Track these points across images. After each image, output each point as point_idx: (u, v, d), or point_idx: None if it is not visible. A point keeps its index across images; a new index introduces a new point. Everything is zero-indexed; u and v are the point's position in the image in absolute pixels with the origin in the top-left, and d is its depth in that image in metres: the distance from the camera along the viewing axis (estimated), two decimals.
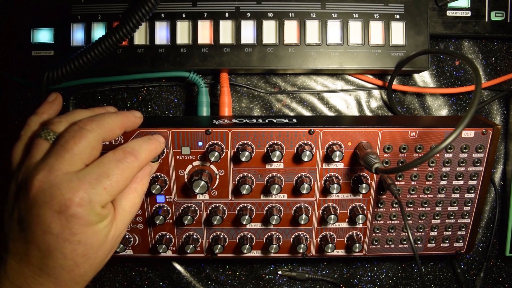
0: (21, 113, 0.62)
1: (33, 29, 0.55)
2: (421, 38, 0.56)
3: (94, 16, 0.55)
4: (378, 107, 0.64)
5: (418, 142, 0.51)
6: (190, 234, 0.55)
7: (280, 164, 0.51)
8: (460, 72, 0.63)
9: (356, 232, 0.55)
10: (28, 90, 0.61)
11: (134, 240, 0.55)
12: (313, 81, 0.63)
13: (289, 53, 0.55)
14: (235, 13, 0.55)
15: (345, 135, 0.50)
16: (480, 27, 0.58)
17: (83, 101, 0.62)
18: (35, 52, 0.55)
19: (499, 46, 0.63)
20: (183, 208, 0.53)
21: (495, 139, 0.51)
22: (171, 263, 0.66)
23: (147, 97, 0.62)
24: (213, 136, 0.50)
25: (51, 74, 0.51)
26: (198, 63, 0.55)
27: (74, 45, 0.55)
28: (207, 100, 0.57)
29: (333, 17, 0.55)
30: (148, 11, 0.49)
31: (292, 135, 0.50)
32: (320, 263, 0.66)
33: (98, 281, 0.66)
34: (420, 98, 0.64)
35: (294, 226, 0.55)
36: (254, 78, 0.63)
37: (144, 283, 0.66)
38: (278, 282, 0.66)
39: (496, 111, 0.64)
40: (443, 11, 0.58)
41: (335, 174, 0.52)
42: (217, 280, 0.66)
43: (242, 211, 0.53)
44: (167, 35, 0.55)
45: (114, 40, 0.50)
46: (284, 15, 0.55)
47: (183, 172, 0.52)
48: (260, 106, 0.63)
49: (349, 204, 0.54)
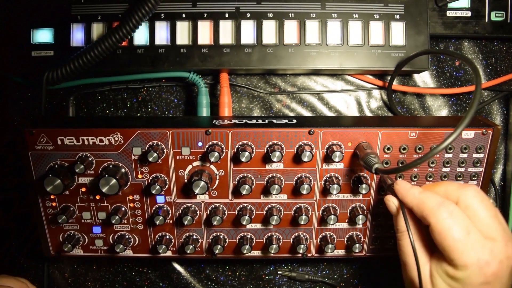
0: (21, 113, 0.62)
1: (33, 29, 0.55)
2: (421, 38, 0.56)
3: (94, 16, 0.55)
4: (378, 107, 0.64)
5: (418, 142, 0.51)
6: (190, 235, 0.55)
7: (280, 165, 0.51)
8: (460, 72, 0.63)
9: (356, 232, 0.55)
10: (28, 90, 0.61)
11: (134, 241, 0.55)
12: (313, 82, 0.63)
13: (289, 53, 0.55)
14: (235, 13, 0.55)
15: (345, 135, 0.50)
16: (480, 27, 0.58)
17: (83, 101, 0.62)
18: (35, 52, 0.55)
19: (499, 46, 0.63)
20: (183, 209, 0.53)
21: (495, 139, 0.51)
22: (171, 263, 0.66)
23: (147, 97, 0.62)
24: (213, 137, 0.50)
25: (51, 74, 0.52)
26: (198, 63, 0.55)
27: (74, 45, 0.55)
28: (207, 100, 0.57)
29: (333, 17, 0.55)
30: (148, 11, 0.49)
31: (292, 135, 0.50)
32: (320, 264, 0.66)
33: (98, 281, 0.66)
34: (420, 98, 0.64)
35: (294, 227, 0.55)
36: (254, 78, 0.63)
37: (144, 284, 0.66)
38: (278, 282, 0.66)
39: (496, 111, 0.64)
40: (443, 11, 0.58)
41: (335, 175, 0.52)
42: (217, 281, 0.66)
43: (242, 212, 0.53)
44: (167, 35, 0.55)
45: (114, 40, 0.50)
46: (284, 15, 0.55)
47: (183, 173, 0.52)
48: (260, 107, 0.63)
49: (349, 205, 0.54)
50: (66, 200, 0.53)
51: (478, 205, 0.41)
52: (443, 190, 0.43)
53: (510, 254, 0.40)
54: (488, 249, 0.39)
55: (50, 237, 0.55)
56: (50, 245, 0.55)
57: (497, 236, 0.40)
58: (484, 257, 0.39)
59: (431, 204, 0.41)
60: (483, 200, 0.41)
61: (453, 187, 0.43)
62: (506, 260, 0.40)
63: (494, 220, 0.40)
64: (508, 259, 0.40)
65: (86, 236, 0.55)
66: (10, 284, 0.50)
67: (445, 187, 0.43)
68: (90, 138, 0.49)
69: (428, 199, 0.42)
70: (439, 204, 0.41)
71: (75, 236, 0.55)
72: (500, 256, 0.39)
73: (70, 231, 0.55)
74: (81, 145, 0.50)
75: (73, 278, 0.65)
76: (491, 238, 0.40)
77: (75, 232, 0.55)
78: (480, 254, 0.39)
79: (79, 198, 0.53)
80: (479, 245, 0.39)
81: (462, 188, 0.42)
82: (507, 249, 0.40)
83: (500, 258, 0.39)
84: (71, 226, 0.54)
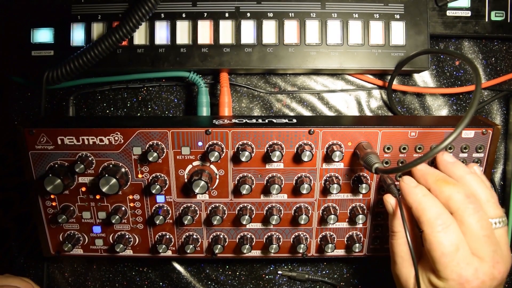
0: (21, 113, 0.62)
1: (33, 29, 0.55)
2: (421, 38, 0.56)
3: (94, 16, 0.55)
4: (378, 107, 0.64)
5: (418, 142, 0.51)
6: (190, 234, 0.55)
7: (280, 164, 0.51)
8: (460, 72, 0.63)
9: (356, 232, 0.55)
10: (28, 90, 0.61)
11: (134, 240, 0.55)
12: (313, 81, 0.63)
13: (289, 53, 0.55)
14: (235, 13, 0.55)
15: (345, 135, 0.50)
16: (480, 27, 0.58)
17: (83, 101, 0.62)
18: (35, 52, 0.55)
19: (499, 46, 0.63)
20: (183, 208, 0.53)
21: (495, 139, 0.51)
22: (171, 263, 0.66)
23: (147, 97, 0.62)
24: (213, 136, 0.50)
25: (51, 74, 0.52)
26: (198, 63, 0.55)
27: (74, 45, 0.55)
28: (207, 100, 0.57)
29: (333, 17, 0.55)
30: (148, 11, 0.49)
31: (292, 135, 0.50)
32: (320, 263, 0.66)
33: (98, 281, 0.66)
34: (420, 98, 0.64)
35: (294, 226, 0.55)
36: (254, 78, 0.63)
37: (144, 283, 0.66)
38: (278, 282, 0.66)
39: (496, 111, 0.64)
40: (443, 11, 0.58)
41: (335, 174, 0.52)
42: (217, 280, 0.66)
43: (242, 211, 0.53)
44: (167, 35, 0.55)
45: (114, 40, 0.50)
46: (284, 15, 0.55)
47: (183, 172, 0.52)
48: (260, 106, 0.63)
49: (349, 204, 0.54)
50: (66, 200, 0.53)
51: (473, 224, 0.41)
52: (447, 197, 0.43)
53: (496, 275, 0.41)
54: (472, 268, 0.40)
55: (50, 237, 0.55)
56: (50, 244, 0.55)
57: (485, 257, 0.41)
58: (466, 275, 0.40)
59: (429, 214, 0.42)
60: (480, 219, 0.41)
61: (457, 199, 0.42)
62: (490, 281, 0.40)
63: (486, 240, 0.41)
64: (492, 280, 0.41)
65: (86, 235, 0.55)
66: (15, 284, 0.50)
67: (450, 194, 0.43)
68: (90, 138, 0.49)
69: (428, 206, 0.42)
70: (436, 217, 0.42)
71: (75, 236, 0.55)
72: (483, 277, 0.40)
73: (70, 230, 0.55)
74: (81, 145, 0.50)
75: (73, 278, 0.65)
76: (479, 257, 0.41)
77: (75, 231, 0.55)
78: (463, 271, 0.40)
79: (79, 197, 0.53)
80: (465, 262, 0.40)
81: (464, 204, 0.42)
82: (493, 270, 0.41)
83: (483, 278, 0.40)
84: (71, 225, 0.54)
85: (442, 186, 0.44)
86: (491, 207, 0.44)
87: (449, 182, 0.44)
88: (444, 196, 0.43)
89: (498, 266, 0.41)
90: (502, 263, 0.41)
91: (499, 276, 0.41)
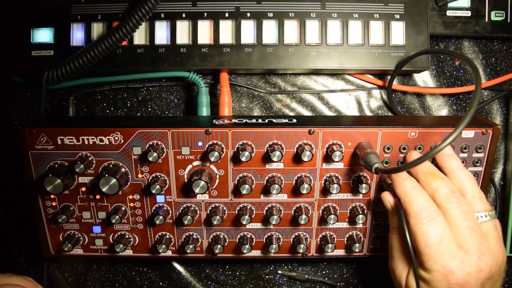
0: (21, 113, 0.62)
1: (33, 29, 0.55)
2: (421, 38, 0.56)
3: (94, 16, 0.55)
4: (378, 107, 0.64)
5: (418, 142, 0.51)
6: (190, 234, 0.55)
7: (280, 164, 0.51)
8: (460, 72, 0.63)
9: (356, 232, 0.55)
10: (28, 90, 0.61)
11: (134, 240, 0.55)
12: (313, 81, 0.63)
13: (289, 53, 0.55)
14: (235, 13, 0.55)
15: (345, 135, 0.50)
16: (480, 27, 0.58)
17: (83, 101, 0.62)
18: (35, 52, 0.55)
19: (499, 46, 0.63)
20: (183, 208, 0.53)
21: (495, 139, 0.51)
22: (171, 263, 0.66)
23: (147, 97, 0.62)
24: (213, 136, 0.50)
25: (51, 74, 0.52)
26: (198, 63, 0.55)
27: (74, 45, 0.55)
28: (207, 100, 0.57)
29: (333, 17, 0.55)
30: (148, 11, 0.49)
31: (292, 135, 0.50)
32: (320, 263, 0.66)
33: (98, 281, 0.66)
34: (420, 98, 0.64)
35: (294, 226, 0.55)
36: (254, 78, 0.63)
37: (144, 283, 0.66)
38: (278, 282, 0.66)
39: (496, 111, 0.64)
40: (443, 11, 0.58)
41: (335, 174, 0.52)
42: (217, 280, 0.66)
43: (242, 211, 0.53)
44: (167, 35, 0.55)
45: (114, 40, 0.50)
46: (284, 15, 0.55)
47: (183, 172, 0.52)
48: (260, 106, 0.63)
49: (349, 204, 0.54)
50: (66, 200, 0.53)
51: (457, 216, 0.42)
52: (433, 190, 0.44)
53: (483, 268, 0.41)
54: (457, 260, 0.41)
55: (50, 236, 0.55)
56: (50, 244, 0.55)
57: (470, 249, 0.41)
58: (450, 266, 0.41)
59: (415, 206, 0.43)
60: (463, 212, 0.42)
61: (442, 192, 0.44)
62: (476, 273, 0.41)
63: (470, 232, 0.42)
64: (479, 272, 0.41)
65: (86, 235, 0.55)
66: (18, 283, 0.50)
67: (436, 187, 0.44)
68: (90, 138, 0.49)
69: (415, 199, 0.43)
70: (422, 209, 0.42)
71: (75, 236, 0.55)
72: (469, 269, 0.41)
73: (70, 230, 0.55)
74: (81, 145, 0.50)
75: (73, 278, 0.66)
76: (464, 249, 0.41)
77: (75, 231, 0.55)
78: (447, 263, 0.41)
79: (79, 197, 0.53)
80: (449, 254, 0.41)
81: (448, 197, 0.43)
82: (479, 262, 0.41)
83: (468, 270, 0.41)
84: (71, 225, 0.54)
85: (430, 179, 0.45)
86: (477, 201, 0.44)
87: (437, 176, 0.45)
88: (431, 189, 0.44)
89: (485, 258, 0.41)
90: (489, 256, 0.41)
91: (486, 269, 0.41)
